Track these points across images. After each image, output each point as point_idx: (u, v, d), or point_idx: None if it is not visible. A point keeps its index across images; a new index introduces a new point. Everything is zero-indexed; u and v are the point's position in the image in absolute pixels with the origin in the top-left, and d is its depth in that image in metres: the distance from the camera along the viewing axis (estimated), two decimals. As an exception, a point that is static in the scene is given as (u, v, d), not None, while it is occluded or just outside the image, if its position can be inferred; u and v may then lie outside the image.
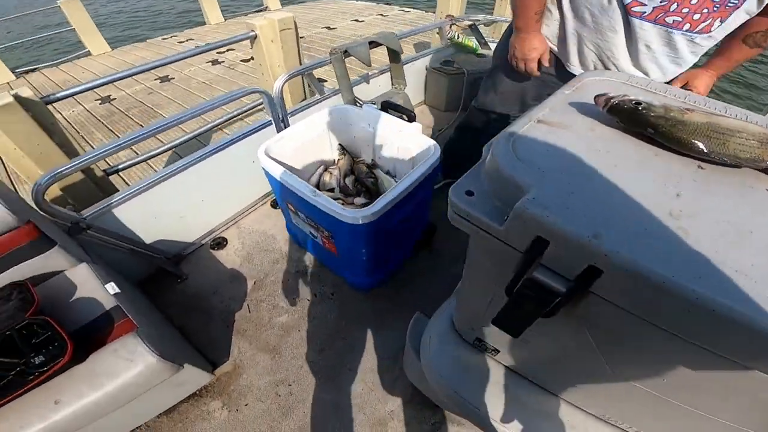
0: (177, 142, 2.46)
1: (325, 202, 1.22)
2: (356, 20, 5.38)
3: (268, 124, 1.85)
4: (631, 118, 0.55)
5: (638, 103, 0.54)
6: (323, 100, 2.10)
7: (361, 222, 1.19)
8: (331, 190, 1.74)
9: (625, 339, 0.48)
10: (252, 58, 4.16)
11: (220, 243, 1.95)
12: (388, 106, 1.73)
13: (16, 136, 1.43)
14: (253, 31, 2.18)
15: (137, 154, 2.39)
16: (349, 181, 1.75)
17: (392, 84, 2.06)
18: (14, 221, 1.10)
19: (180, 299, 1.72)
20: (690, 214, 0.44)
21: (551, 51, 1.29)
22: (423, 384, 1.21)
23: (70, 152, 1.68)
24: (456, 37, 2.63)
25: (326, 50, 4.42)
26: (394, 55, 2.00)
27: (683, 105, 0.57)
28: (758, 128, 0.51)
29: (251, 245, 1.93)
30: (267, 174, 1.45)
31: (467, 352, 0.86)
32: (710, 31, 1.01)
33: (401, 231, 1.50)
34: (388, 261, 1.64)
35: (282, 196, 1.54)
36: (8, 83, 4.09)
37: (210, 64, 4.26)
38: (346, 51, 1.76)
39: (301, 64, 2.37)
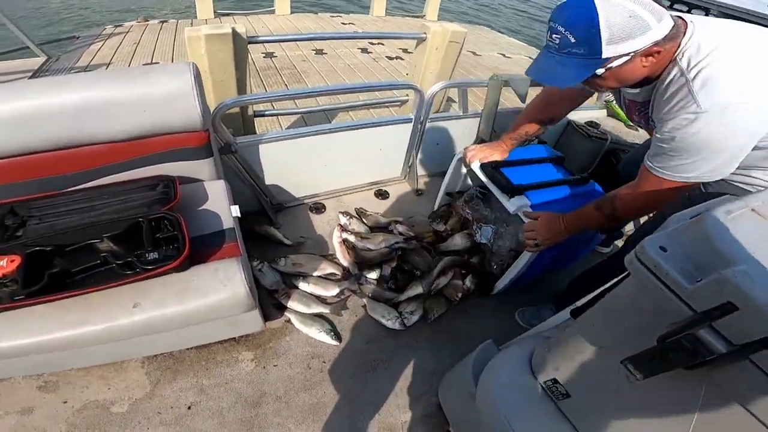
0: (307, 109, 2.72)
1: None
2: (503, 54, 5.41)
3: (407, 120, 1.95)
4: None
5: None
6: (462, 119, 2.15)
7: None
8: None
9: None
10: (397, 57, 4.43)
11: (319, 208, 2.08)
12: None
13: (214, 61, 1.67)
14: (425, 33, 2.27)
15: (273, 107, 2.66)
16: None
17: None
18: (200, 125, 1.29)
19: (265, 243, 1.81)
20: None
21: None
22: (453, 406, 1.26)
23: (240, 88, 1.92)
24: (614, 102, 2.49)
25: (465, 71, 4.51)
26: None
27: None
28: None
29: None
30: None
31: (534, 391, 0.90)
32: None
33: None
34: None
35: None
36: (206, 20, 4.80)
37: (359, 51, 4.53)
38: (506, 81, 1.80)
39: (449, 78, 2.46)
